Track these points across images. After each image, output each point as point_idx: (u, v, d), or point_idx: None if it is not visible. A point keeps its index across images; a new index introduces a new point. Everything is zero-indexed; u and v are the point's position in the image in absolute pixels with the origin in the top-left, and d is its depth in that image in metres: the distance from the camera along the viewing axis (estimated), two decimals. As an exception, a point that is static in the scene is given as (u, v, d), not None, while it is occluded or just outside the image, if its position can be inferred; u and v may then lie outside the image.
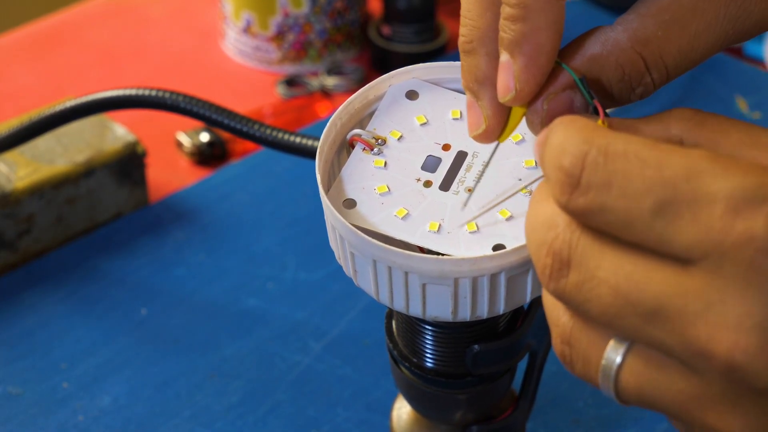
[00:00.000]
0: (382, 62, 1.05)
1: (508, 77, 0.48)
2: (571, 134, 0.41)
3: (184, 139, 0.96)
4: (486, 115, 0.50)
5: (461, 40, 0.50)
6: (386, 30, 1.05)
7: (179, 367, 0.78)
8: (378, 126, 0.56)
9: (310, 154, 0.68)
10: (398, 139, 0.56)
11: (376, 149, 0.55)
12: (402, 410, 0.67)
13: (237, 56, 1.07)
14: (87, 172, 0.86)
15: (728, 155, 0.40)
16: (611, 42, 0.48)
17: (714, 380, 0.39)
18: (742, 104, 0.99)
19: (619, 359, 0.41)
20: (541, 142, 0.44)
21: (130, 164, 0.88)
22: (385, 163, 0.55)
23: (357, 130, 0.56)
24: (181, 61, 1.08)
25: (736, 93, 1.01)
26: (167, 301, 0.82)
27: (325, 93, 1.03)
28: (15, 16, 1.54)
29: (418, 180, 0.54)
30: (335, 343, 0.79)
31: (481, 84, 0.50)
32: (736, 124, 0.43)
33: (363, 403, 0.75)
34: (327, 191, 0.54)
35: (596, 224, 0.41)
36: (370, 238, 0.51)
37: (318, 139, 0.56)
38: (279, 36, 1.05)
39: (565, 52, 0.49)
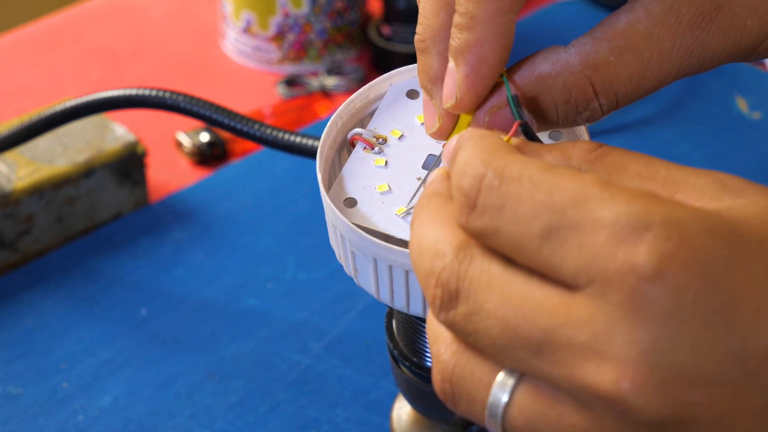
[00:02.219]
0: (382, 62, 1.05)
1: (451, 84, 0.48)
2: (472, 155, 0.41)
3: (184, 139, 0.96)
4: (439, 114, 0.50)
5: (416, 38, 0.50)
6: (386, 30, 1.05)
7: (179, 367, 0.78)
8: (379, 125, 0.56)
9: (310, 153, 0.68)
10: (399, 138, 0.56)
11: (377, 148, 0.56)
12: (402, 410, 0.67)
13: (237, 56, 1.07)
14: (87, 172, 0.86)
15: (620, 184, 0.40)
16: (562, 63, 0.48)
17: (604, 414, 0.38)
18: (742, 104, 0.99)
19: (506, 396, 0.40)
20: (446, 154, 0.44)
21: (130, 164, 0.88)
22: (386, 162, 0.55)
23: (358, 129, 0.56)
24: (181, 61, 1.08)
25: (736, 93, 1.01)
26: (167, 301, 0.82)
27: (325, 93, 1.03)
28: (15, 16, 1.54)
29: (419, 179, 0.54)
30: (335, 343, 0.79)
31: (434, 83, 0.50)
32: (636, 158, 0.42)
33: (363, 403, 0.75)
34: (328, 190, 0.54)
35: (492, 246, 0.40)
36: (370, 237, 0.51)
37: (318, 138, 0.56)
38: (279, 36, 1.05)
39: (515, 68, 0.49)
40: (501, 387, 0.41)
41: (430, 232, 0.42)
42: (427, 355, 0.60)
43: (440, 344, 0.42)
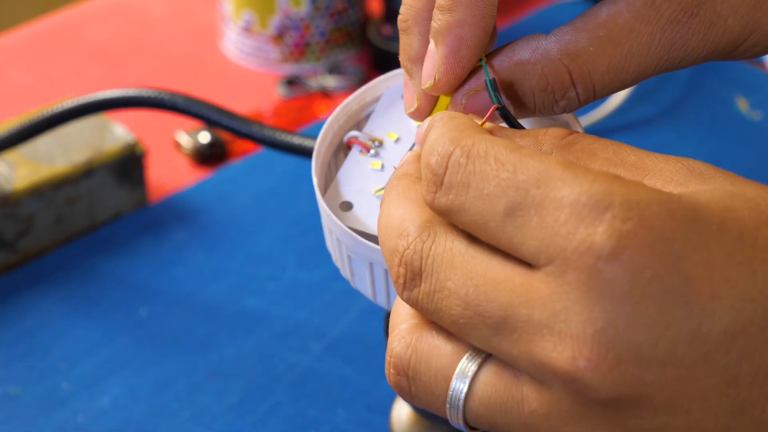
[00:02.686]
0: (382, 62, 1.05)
1: (430, 65, 0.49)
2: (442, 133, 0.42)
3: (184, 140, 0.96)
4: (417, 95, 0.50)
5: (399, 18, 0.51)
6: (386, 30, 1.05)
7: (179, 367, 0.78)
8: (375, 128, 0.56)
9: (309, 154, 0.68)
10: (395, 141, 0.56)
11: (373, 151, 0.55)
12: (402, 410, 0.67)
13: (237, 56, 1.07)
14: (87, 172, 0.86)
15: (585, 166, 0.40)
16: (541, 50, 0.48)
17: (561, 395, 0.38)
18: (742, 104, 0.99)
19: (465, 386, 0.41)
20: (418, 136, 0.44)
21: (129, 164, 0.88)
22: (382, 165, 0.55)
23: (354, 132, 0.56)
24: (181, 61, 1.08)
25: (736, 93, 1.00)
26: (167, 301, 0.83)
27: (325, 93, 1.03)
28: (15, 16, 1.54)
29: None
30: (335, 343, 0.79)
31: (414, 63, 0.50)
32: (606, 144, 0.43)
33: (363, 403, 0.75)
34: (324, 193, 0.54)
35: (457, 223, 0.41)
36: (366, 241, 0.51)
37: (317, 139, 0.56)
38: (279, 36, 1.05)
39: (495, 53, 0.49)
40: (461, 377, 0.41)
41: (396, 210, 0.43)
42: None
43: (393, 341, 0.43)
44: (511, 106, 0.48)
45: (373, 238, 0.52)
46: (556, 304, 0.38)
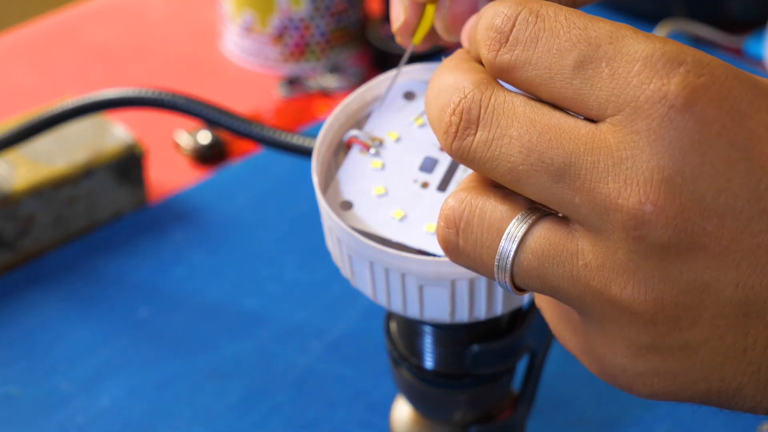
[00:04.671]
0: (382, 62, 1.05)
1: None
2: (505, 1, 0.42)
3: (184, 140, 0.96)
4: (404, 7, 0.51)
5: None
6: (386, 30, 1.05)
7: (179, 367, 0.78)
8: (375, 127, 0.56)
9: (309, 154, 0.68)
10: (396, 140, 0.56)
11: (373, 150, 0.55)
12: (402, 410, 0.67)
13: (237, 56, 1.07)
14: (86, 172, 0.86)
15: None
16: None
17: (619, 244, 0.39)
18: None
19: (518, 238, 0.41)
20: (467, 28, 0.45)
21: (129, 164, 0.88)
22: (383, 164, 0.55)
23: (354, 131, 0.56)
24: (181, 61, 1.08)
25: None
26: (167, 301, 0.82)
27: (325, 93, 1.03)
28: (15, 16, 1.54)
29: (416, 181, 0.54)
30: (335, 343, 0.79)
31: None
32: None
33: (363, 403, 0.75)
34: (324, 193, 0.54)
35: (519, 80, 0.42)
36: (367, 240, 0.51)
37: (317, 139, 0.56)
38: (279, 36, 1.05)
39: None
40: (515, 228, 0.41)
41: (449, 76, 0.43)
42: (427, 356, 0.60)
43: (449, 196, 0.43)
44: None
45: (374, 238, 0.52)
46: (623, 152, 0.39)
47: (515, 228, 0.41)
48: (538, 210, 0.42)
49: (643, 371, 0.41)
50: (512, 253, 0.41)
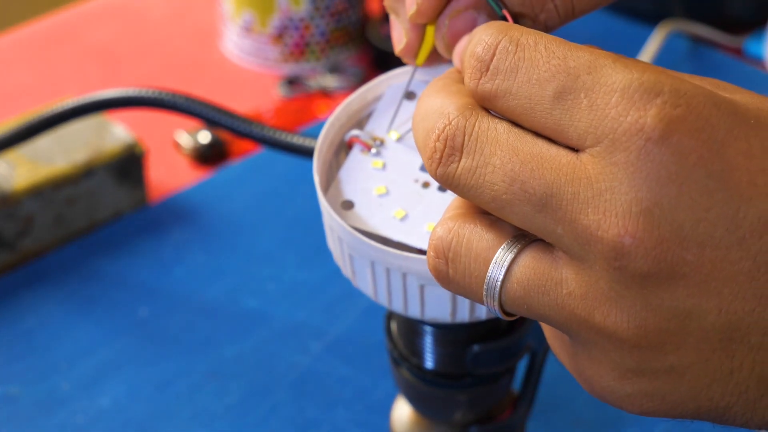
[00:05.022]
0: (382, 62, 1.05)
1: None
2: (489, 26, 0.43)
3: (184, 139, 0.96)
4: (405, 30, 0.52)
5: None
6: (386, 30, 1.05)
7: (179, 367, 0.78)
8: (376, 127, 0.56)
9: (309, 154, 0.68)
10: (397, 139, 0.56)
11: (374, 150, 0.55)
12: (402, 410, 0.67)
13: (237, 56, 1.07)
14: (87, 172, 0.86)
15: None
16: None
17: (601, 273, 0.40)
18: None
19: (504, 268, 0.42)
20: (458, 48, 0.46)
21: (129, 164, 0.88)
22: (384, 164, 0.55)
23: (355, 131, 0.56)
24: (181, 61, 1.08)
25: (736, 92, 1.00)
26: (167, 301, 0.82)
27: (325, 93, 1.03)
28: (15, 16, 1.54)
29: (417, 181, 0.54)
30: (335, 343, 0.79)
31: (398, 1, 0.51)
32: (638, 60, 0.44)
33: (363, 403, 0.75)
34: (325, 193, 0.54)
35: (500, 109, 0.42)
36: (368, 240, 0.51)
37: (317, 139, 0.56)
38: (279, 36, 1.05)
39: None
40: (501, 257, 0.42)
41: (435, 100, 0.44)
42: (427, 356, 0.60)
43: (437, 225, 0.44)
44: (511, 18, 0.49)
45: (375, 237, 0.52)
46: (602, 184, 0.39)
47: (501, 256, 0.42)
48: (523, 237, 0.42)
49: (631, 393, 0.41)
50: (499, 282, 0.42)
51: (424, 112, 0.44)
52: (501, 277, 0.42)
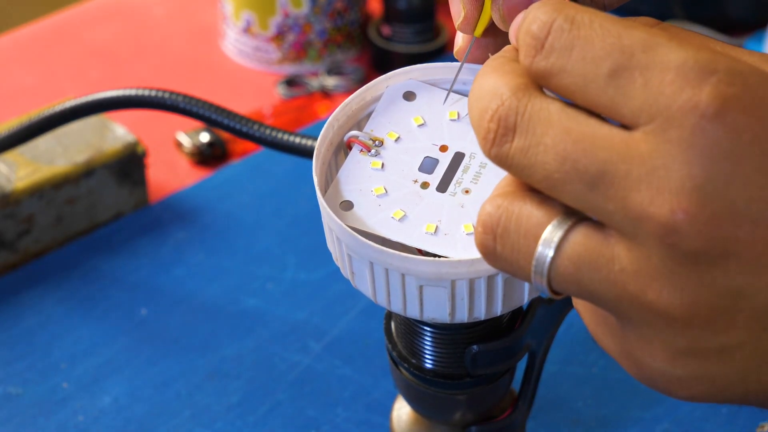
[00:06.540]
0: (382, 62, 1.05)
1: None
2: (543, 5, 0.43)
3: (184, 140, 0.96)
4: (462, 3, 0.52)
5: None
6: (386, 30, 1.05)
7: (179, 367, 0.78)
8: (375, 127, 0.56)
9: (309, 154, 0.68)
10: (396, 140, 0.56)
11: (373, 150, 0.55)
12: (402, 410, 0.67)
13: (237, 56, 1.07)
14: (87, 172, 0.86)
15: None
16: None
17: (653, 250, 0.40)
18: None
19: (555, 244, 0.42)
20: (513, 28, 0.46)
21: (130, 164, 0.88)
22: (383, 164, 0.55)
23: (354, 132, 0.56)
24: (181, 61, 1.08)
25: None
26: (167, 301, 0.83)
27: (325, 93, 1.03)
28: (15, 16, 1.54)
29: (416, 181, 0.54)
30: (335, 343, 0.79)
31: None
32: (695, 33, 0.44)
33: (363, 403, 0.75)
34: (324, 193, 0.54)
35: (554, 87, 0.42)
36: (367, 240, 0.51)
37: (317, 139, 0.56)
38: (279, 36, 1.05)
39: None
40: (552, 234, 0.42)
41: (489, 79, 0.44)
42: (426, 356, 0.60)
43: (486, 202, 0.44)
44: None
45: (374, 238, 0.52)
46: (655, 161, 0.39)
47: (551, 234, 0.42)
48: (574, 215, 0.42)
49: (681, 375, 0.41)
50: (549, 259, 0.42)
51: (478, 93, 0.44)
52: (551, 254, 0.42)
